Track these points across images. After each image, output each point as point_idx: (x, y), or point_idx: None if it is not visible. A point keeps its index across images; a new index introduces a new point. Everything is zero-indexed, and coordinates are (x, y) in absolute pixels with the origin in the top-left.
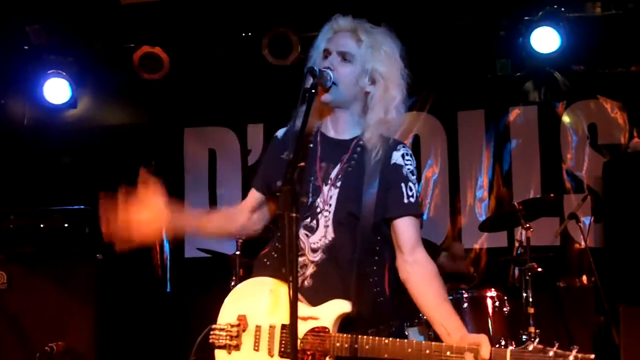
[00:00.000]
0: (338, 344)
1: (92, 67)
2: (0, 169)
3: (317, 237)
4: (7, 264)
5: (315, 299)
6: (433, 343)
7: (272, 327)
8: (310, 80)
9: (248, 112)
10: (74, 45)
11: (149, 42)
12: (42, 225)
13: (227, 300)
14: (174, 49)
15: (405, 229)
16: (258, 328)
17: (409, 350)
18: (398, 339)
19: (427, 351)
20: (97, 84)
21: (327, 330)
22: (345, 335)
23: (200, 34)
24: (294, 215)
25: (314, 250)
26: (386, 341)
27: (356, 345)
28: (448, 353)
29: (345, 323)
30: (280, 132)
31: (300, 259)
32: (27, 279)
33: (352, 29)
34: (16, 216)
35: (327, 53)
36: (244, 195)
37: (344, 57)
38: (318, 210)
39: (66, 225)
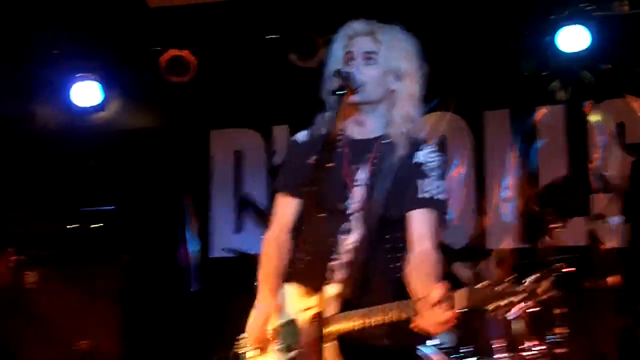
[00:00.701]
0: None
1: (119, 70)
2: (28, 172)
3: (351, 240)
4: (35, 265)
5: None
6: (395, 303)
7: (280, 326)
8: (337, 83)
9: (273, 113)
10: (102, 48)
11: (176, 45)
12: (68, 227)
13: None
14: (201, 52)
15: (414, 221)
16: (274, 330)
17: (377, 317)
18: (368, 308)
19: (390, 314)
20: (124, 87)
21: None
22: (331, 315)
23: (227, 36)
24: (321, 215)
25: (349, 252)
26: (357, 311)
27: (336, 324)
28: (401, 312)
29: (345, 307)
30: (300, 137)
31: (334, 263)
32: (54, 280)
33: (368, 32)
34: (43, 218)
35: (349, 56)
36: (270, 196)
37: (368, 58)
38: (351, 213)
39: (92, 226)
